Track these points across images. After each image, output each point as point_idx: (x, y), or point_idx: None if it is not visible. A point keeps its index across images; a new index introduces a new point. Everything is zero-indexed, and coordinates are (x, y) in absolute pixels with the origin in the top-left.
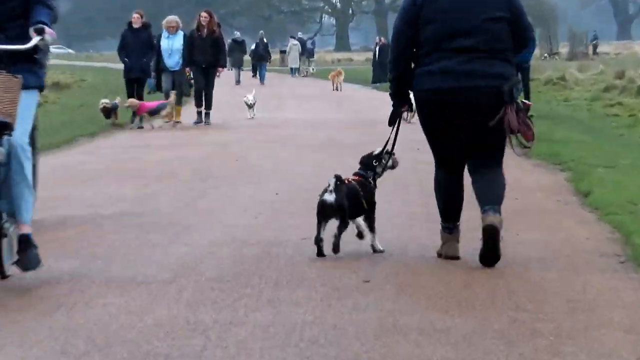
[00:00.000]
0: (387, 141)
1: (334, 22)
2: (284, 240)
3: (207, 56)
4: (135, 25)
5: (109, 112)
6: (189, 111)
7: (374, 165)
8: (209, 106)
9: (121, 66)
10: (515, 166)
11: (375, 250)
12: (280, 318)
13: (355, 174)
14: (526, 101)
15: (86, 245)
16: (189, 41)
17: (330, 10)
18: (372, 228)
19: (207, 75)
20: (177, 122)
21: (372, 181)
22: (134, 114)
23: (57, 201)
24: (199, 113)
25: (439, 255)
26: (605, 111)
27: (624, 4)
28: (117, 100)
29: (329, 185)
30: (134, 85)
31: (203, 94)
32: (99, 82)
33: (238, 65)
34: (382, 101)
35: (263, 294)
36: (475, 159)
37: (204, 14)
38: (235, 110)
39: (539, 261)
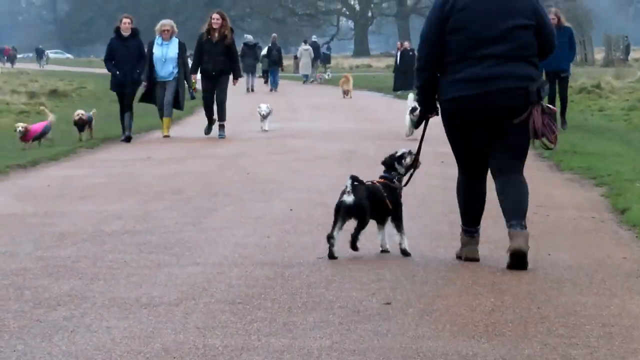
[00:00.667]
0: (420, 144)
1: (352, 25)
2: (299, 260)
3: (217, 64)
4: (125, 33)
5: (84, 124)
6: (193, 121)
7: (395, 166)
8: (222, 117)
9: None
10: (546, 181)
11: (403, 253)
12: (295, 343)
13: (380, 177)
14: (551, 106)
15: (87, 264)
16: (197, 46)
17: (348, 12)
18: (399, 228)
19: (218, 83)
20: (166, 136)
21: (396, 181)
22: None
23: (56, 217)
24: (210, 122)
25: (458, 257)
26: None
27: None
28: (93, 112)
29: (346, 187)
30: (125, 97)
31: (215, 104)
32: (100, 90)
33: (250, 71)
34: (402, 111)
35: (277, 318)
36: (499, 160)
37: (215, 16)
38: (246, 120)
39: (572, 283)
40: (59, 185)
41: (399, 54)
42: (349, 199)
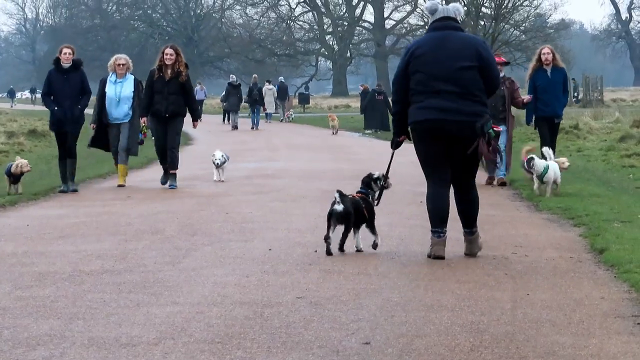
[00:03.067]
0: (389, 165)
1: (330, 65)
2: (278, 300)
3: (170, 104)
4: (65, 65)
5: (19, 176)
6: (153, 170)
7: (371, 185)
8: (173, 165)
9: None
10: (525, 221)
11: (374, 247)
12: None
13: (357, 192)
14: (496, 127)
15: (66, 304)
16: (147, 84)
17: (326, 53)
18: (373, 231)
19: (170, 126)
20: (121, 185)
21: (371, 197)
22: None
23: (35, 257)
24: (166, 170)
25: (429, 256)
26: (621, 162)
27: None
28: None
29: (335, 198)
30: (66, 139)
31: (167, 150)
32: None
33: (235, 110)
34: (378, 151)
35: (256, 358)
36: (458, 177)
37: (168, 51)
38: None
39: (551, 323)
40: (38, 224)
41: (361, 95)
42: (339, 207)
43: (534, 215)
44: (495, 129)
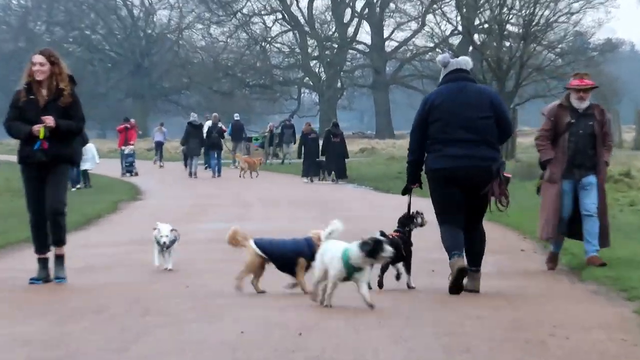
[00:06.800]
0: (409, 205)
1: (317, 99)
2: None
3: (48, 143)
4: None
5: None
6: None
7: (408, 224)
8: (59, 239)
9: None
10: (565, 295)
11: (409, 287)
12: None
13: (395, 231)
14: (507, 174)
15: None
16: (10, 111)
17: (312, 83)
18: (408, 270)
19: (50, 179)
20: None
21: (407, 236)
22: None
23: None
24: (42, 261)
25: (450, 283)
26: None
27: None
28: None
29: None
30: None
31: (48, 219)
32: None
33: (194, 154)
34: (376, 204)
35: None
36: (468, 217)
37: (38, 59)
38: (190, 216)
39: None
40: None
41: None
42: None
43: (576, 288)
44: (505, 175)
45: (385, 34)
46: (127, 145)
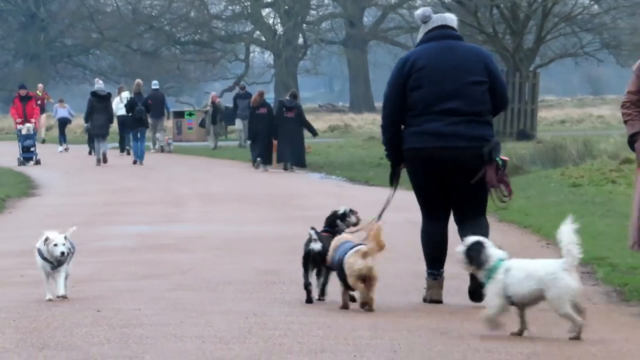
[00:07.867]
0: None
1: (271, 59)
2: None
3: None
4: None
5: None
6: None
7: (337, 223)
8: None
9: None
10: (603, 318)
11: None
12: None
13: (323, 231)
14: (505, 157)
15: None
16: None
17: (264, 38)
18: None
19: None
20: None
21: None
22: None
23: None
24: None
25: (424, 300)
26: None
27: None
28: None
29: (311, 235)
30: None
31: None
32: None
33: (102, 134)
34: (353, 200)
35: None
36: (462, 211)
37: None
38: (99, 218)
39: None
40: None
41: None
42: (317, 246)
43: (616, 309)
44: (503, 158)
45: None
46: (25, 124)
